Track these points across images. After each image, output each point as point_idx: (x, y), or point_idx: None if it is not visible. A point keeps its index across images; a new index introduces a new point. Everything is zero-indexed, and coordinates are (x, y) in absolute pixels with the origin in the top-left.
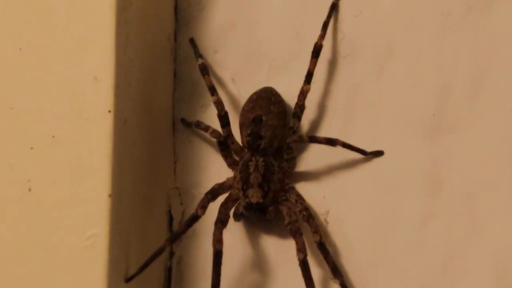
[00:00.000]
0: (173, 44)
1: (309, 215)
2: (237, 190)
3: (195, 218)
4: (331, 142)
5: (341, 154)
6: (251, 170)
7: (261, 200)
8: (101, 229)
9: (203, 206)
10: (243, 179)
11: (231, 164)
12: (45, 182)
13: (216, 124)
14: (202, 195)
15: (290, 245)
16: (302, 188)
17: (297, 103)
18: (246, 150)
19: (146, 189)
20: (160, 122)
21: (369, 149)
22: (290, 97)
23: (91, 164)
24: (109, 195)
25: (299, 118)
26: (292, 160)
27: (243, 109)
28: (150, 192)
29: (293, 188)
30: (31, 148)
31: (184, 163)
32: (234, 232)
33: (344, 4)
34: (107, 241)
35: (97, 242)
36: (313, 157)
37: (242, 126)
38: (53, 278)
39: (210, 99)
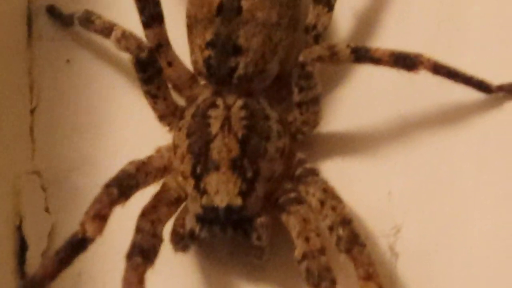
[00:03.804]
0: None
1: (352, 236)
2: (180, 178)
3: (81, 243)
4: (407, 62)
5: (430, 93)
6: (215, 128)
7: (238, 202)
8: None
9: (100, 215)
10: (195, 151)
11: (167, 113)
12: None
13: (130, 20)
14: (96, 189)
15: None
16: (337, 172)
17: None
18: (203, 82)
19: None
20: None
21: (496, 79)
22: None
23: None
24: None
25: (331, 5)
26: (312, 105)
27: None
28: None
29: (314, 173)
30: None
31: (53, 115)
32: (173, 277)
33: None
34: None
35: None
36: (362, 100)
37: (193, 24)
38: None
39: None
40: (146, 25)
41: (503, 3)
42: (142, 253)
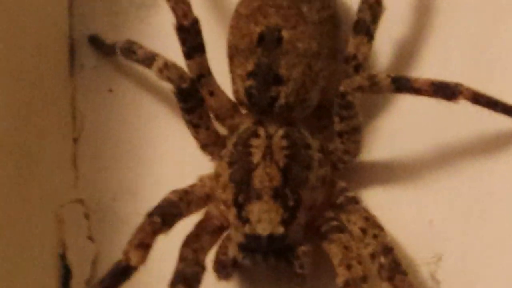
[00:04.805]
0: None
1: (393, 264)
2: (223, 207)
3: (124, 271)
4: (447, 91)
5: (470, 122)
6: (257, 157)
7: (281, 231)
8: None
9: (143, 244)
10: (237, 180)
11: (209, 142)
12: None
13: (171, 51)
14: (139, 218)
15: None
16: (378, 200)
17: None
18: (244, 111)
19: (5, 205)
20: (41, 45)
21: None
22: None
23: None
24: None
25: (371, 35)
26: (353, 134)
27: (238, 13)
28: (16, 213)
29: (355, 201)
30: None
31: (95, 144)
32: None
33: None
34: None
35: None
36: (403, 129)
37: (234, 55)
38: None
39: None
40: (187, 55)
41: None
42: (185, 281)
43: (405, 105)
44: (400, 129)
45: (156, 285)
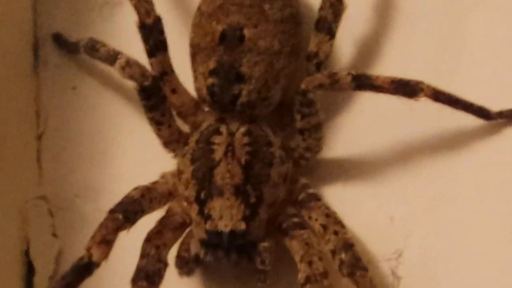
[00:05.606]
0: None
1: (354, 260)
2: (185, 204)
3: (87, 267)
4: (408, 89)
5: (430, 119)
6: (219, 155)
7: (242, 227)
8: None
9: (105, 240)
10: (199, 177)
11: (171, 139)
12: None
13: (135, 49)
14: (102, 215)
15: None
16: (340, 197)
17: None
18: (206, 108)
19: None
20: (5, 43)
21: (495, 106)
22: None
23: None
24: None
25: (332, 33)
26: (315, 132)
27: (200, 11)
28: None
29: (316, 198)
30: None
31: (59, 141)
32: None
33: None
34: None
35: None
36: (364, 126)
37: (197, 53)
38: None
39: None
40: (150, 53)
41: (504, 30)
42: (147, 278)
43: (367, 102)
44: (361, 126)
45: (118, 281)
